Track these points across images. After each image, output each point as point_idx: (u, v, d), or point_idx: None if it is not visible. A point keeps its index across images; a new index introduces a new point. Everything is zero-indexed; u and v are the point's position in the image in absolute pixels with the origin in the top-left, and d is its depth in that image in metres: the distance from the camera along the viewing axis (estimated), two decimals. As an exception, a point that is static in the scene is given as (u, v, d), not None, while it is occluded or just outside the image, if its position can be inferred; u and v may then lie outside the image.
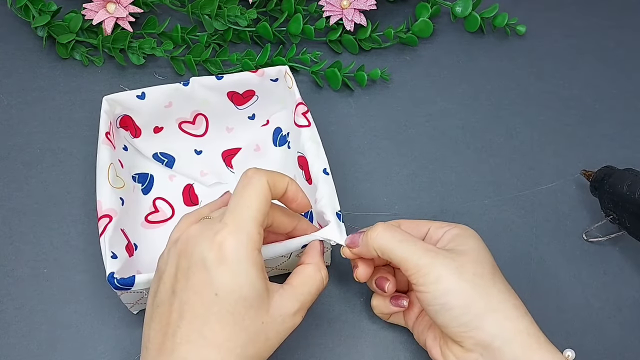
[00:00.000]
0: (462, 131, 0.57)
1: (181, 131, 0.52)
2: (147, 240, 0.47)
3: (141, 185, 0.50)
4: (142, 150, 0.51)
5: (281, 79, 0.51)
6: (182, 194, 0.51)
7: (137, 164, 0.51)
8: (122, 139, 0.50)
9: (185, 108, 0.51)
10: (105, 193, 0.44)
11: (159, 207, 0.50)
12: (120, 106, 0.49)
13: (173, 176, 0.52)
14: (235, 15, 0.58)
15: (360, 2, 0.59)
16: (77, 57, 0.59)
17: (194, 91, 0.50)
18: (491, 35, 0.63)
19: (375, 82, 0.59)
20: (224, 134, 0.53)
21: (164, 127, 0.52)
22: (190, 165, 0.52)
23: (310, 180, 0.46)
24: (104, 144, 0.46)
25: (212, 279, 0.34)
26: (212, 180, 0.51)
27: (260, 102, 0.52)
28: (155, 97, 0.49)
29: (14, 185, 0.52)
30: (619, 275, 0.49)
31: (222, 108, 0.52)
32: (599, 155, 0.55)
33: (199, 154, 0.52)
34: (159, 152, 0.51)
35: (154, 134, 0.52)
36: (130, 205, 0.47)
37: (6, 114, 0.56)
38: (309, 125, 0.48)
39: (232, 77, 0.50)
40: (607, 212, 0.49)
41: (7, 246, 0.49)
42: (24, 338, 0.45)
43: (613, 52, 0.62)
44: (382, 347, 0.45)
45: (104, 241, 0.42)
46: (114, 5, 0.57)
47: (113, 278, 0.40)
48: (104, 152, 0.46)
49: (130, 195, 0.48)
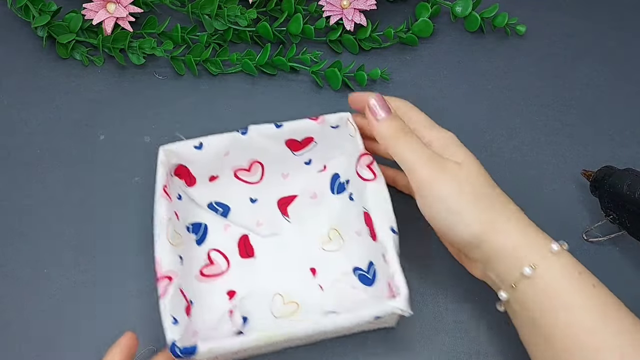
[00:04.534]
0: (462, 131, 0.57)
1: (236, 179, 0.51)
2: (202, 295, 0.46)
3: (195, 235, 0.49)
4: (197, 199, 0.50)
5: (342, 126, 0.49)
6: (237, 245, 0.49)
7: (191, 213, 0.49)
8: (176, 188, 0.49)
9: (242, 156, 0.49)
10: (165, 251, 0.43)
11: (214, 259, 0.48)
12: (177, 157, 0.47)
13: (228, 226, 0.50)
14: (235, 15, 0.58)
15: (360, 2, 0.59)
16: (77, 57, 0.59)
17: (252, 140, 0.48)
18: (491, 35, 0.63)
19: (375, 82, 0.59)
20: (279, 180, 0.51)
21: (220, 176, 0.50)
22: (245, 215, 0.50)
23: (375, 237, 0.45)
24: (162, 197, 0.45)
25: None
26: (267, 230, 0.50)
27: (318, 148, 0.50)
28: (213, 147, 0.48)
29: (14, 185, 0.52)
30: (619, 275, 0.49)
31: (279, 155, 0.50)
32: (599, 155, 0.55)
33: (254, 202, 0.51)
34: (213, 201, 0.50)
35: (208, 183, 0.50)
36: (187, 261, 0.46)
37: (6, 114, 0.56)
38: (375, 179, 0.46)
39: (292, 124, 0.48)
40: (607, 212, 0.49)
41: (7, 246, 0.49)
42: (24, 338, 0.45)
43: (613, 52, 0.62)
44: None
45: (165, 305, 0.40)
46: (114, 5, 0.57)
47: (175, 347, 0.39)
48: (162, 206, 0.44)
49: (185, 250, 0.46)
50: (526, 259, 0.39)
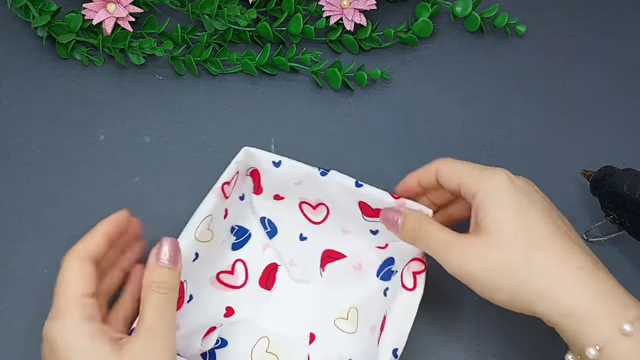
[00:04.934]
0: (462, 131, 0.57)
1: (299, 209, 0.49)
2: (204, 297, 0.46)
3: (235, 238, 0.49)
4: (256, 207, 0.49)
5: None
6: (263, 270, 0.48)
7: (243, 217, 0.49)
8: (244, 188, 0.48)
9: (313, 193, 0.48)
10: (183, 244, 0.42)
11: (236, 270, 0.48)
12: (254, 161, 0.47)
13: (268, 246, 0.49)
14: (235, 15, 0.58)
15: (360, 2, 0.59)
16: (77, 57, 0.59)
17: (328, 184, 0.46)
18: (491, 35, 0.63)
19: (375, 82, 0.59)
20: (338, 233, 0.49)
21: (285, 198, 0.49)
22: (287, 247, 0.49)
23: (378, 342, 0.42)
24: (215, 193, 0.44)
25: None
26: (298, 274, 0.49)
27: None
28: (289, 171, 0.47)
29: (14, 185, 0.52)
30: (619, 275, 0.49)
31: (348, 210, 0.47)
32: (599, 155, 0.55)
33: (302, 239, 0.50)
34: (268, 217, 0.49)
35: (272, 199, 0.49)
36: (205, 260, 0.45)
37: (6, 114, 0.56)
38: (414, 290, 0.43)
39: (371, 191, 0.45)
40: (607, 212, 0.49)
41: (7, 246, 0.49)
42: (24, 338, 0.45)
43: (613, 52, 0.62)
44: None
45: None
46: (114, 5, 0.57)
47: None
48: (209, 202, 0.44)
49: (210, 249, 0.45)
50: (591, 337, 0.35)
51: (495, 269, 0.38)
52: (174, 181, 0.53)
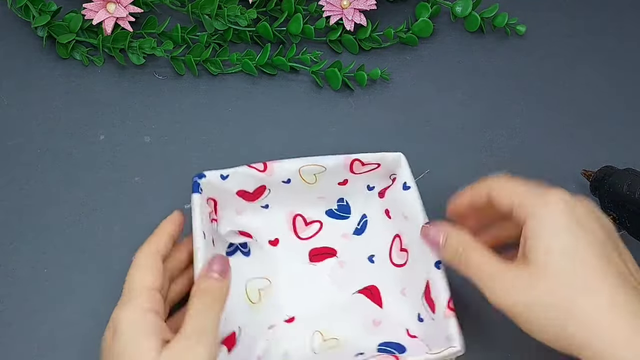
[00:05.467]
0: (462, 131, 0.57)
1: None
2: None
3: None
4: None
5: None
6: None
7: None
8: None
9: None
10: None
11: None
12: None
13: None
14: (235, 15, 0.58)
15: (360, 2, 0.59)
16: (77, 57, 0.59)
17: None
18: (491, 35, 0.63)
19: (375, 82, 0.59)
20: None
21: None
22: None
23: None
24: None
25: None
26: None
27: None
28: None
29: (14, 185, 0.52)
30: (619, 275, 0.49)
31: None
32: (599, 155, 0.55)
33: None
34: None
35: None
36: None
37: (6, 114, 0.56)
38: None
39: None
40: (607, 212, 0.49)
41: (7, 246, 0.49)
42: (24, 338, 0.45)
43: (613, 52, 0.62)
44: None
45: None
46: (114, 5, 0.57)
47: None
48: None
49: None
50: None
51: (538, 311, 0.36)
52: (174, 181, 0.53)
